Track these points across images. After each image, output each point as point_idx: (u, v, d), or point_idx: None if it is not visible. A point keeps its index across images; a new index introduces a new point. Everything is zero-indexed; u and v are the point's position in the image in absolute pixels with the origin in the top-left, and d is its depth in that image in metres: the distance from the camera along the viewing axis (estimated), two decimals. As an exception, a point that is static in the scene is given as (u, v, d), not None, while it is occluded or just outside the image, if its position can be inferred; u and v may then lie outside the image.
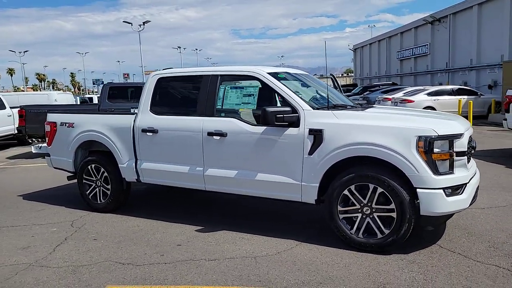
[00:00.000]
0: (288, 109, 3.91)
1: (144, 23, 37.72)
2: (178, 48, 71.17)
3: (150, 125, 4.77)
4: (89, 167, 5.39)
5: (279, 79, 4.27)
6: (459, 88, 17.87)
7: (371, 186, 3.60)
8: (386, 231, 3.59)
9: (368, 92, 25.13)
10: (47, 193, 6.66)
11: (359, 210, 3.72)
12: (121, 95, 11.83)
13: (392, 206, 3.54)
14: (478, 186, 3.89)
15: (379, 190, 3.57)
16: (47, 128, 5.82)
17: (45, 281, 3.40)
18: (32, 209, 5.66)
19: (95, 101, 28.09)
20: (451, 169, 3.48)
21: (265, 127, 4.06)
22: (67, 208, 5.61)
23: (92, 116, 5.48)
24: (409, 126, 3.53)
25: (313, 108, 3.97)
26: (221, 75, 4.49)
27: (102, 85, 12.47)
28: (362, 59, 49.79)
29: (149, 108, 4.88)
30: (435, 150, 3.40)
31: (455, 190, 3.51)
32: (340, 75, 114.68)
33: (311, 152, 3.82)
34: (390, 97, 18.32)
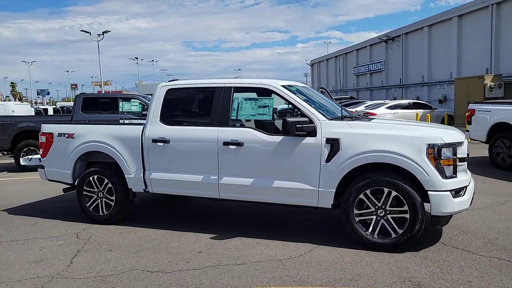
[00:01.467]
0: (306, 119, 4.18)
1: (103, 32, 36.81)
2: (136, 59, 69.91)
3: (161, 136, 4.84)
4: (90, 178, 5.31)
5: (292, 91, 4.54)
6: (415, 102, 19.18)
7: (386, 190, 3.93)
8: (400, 231, 3.93)
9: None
10: (32, 207, 6.41)
11: (374, 213, 4.03)
12: (95, 106, 11.57)
13: (406, 208, 3.88)
14: (474, 190, 4.36)
15: (393, 193, 3.91)
16: (42, 139, 5.66)
17: (77, 291, 3.37)
18: (24, 224, 5.45)
19: (50, 112, 26.88)
20: (454, 173, 3.90)
21: (282, 137, 4.30)
22: (63, 221, 5.46)
23: (95, 127, 5.42)
24: (420, 135, 3.92)
25: (328, 119, 4.27)
26: (234, 87, 4.68)
27: (76, 95, 12.09)
28: (319, 73, 51.62)
29: (159, 119, 4.94)
30: (443, 156, 3.81)
31: (458, 192, 3.93)
32: None
33: (328, 160, 4.10)
34: (353, 110, 19.29)
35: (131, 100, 11.71)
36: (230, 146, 4.49)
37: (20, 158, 6.34)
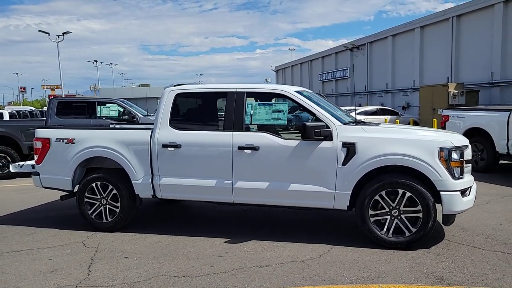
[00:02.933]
0: (323, 124, 4.33)
1: (63, 33, 35.29)
2: (95, 62, 67.81)
3: (171, 140, 4.80)
4: (93, 184, 5.16)
5: (305, 97, 4.68)
6: (382, 108, 20.02)
7: (400, 191, 4.15)
8: (414, 229, 4.15)
9: (298, 111, 26.72)
10: (18, 216, 6.12)
11: (388, 213, 4.24)
12: (71, 111, 11.17)
13: (419, 207, 4.11)
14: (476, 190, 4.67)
15: (408, 194, 4.13)
16: (37, 144, 5.42)
17: (108, 300, 3.28)
18: (19, 234, 5.19)
19: (6, 117, 25.36)
20: (461, 174, 4.19)
21: (299, 141, 4.42)
22: (61, 230, 5.25)
23: (99, 132, 5.28)
24: (431, 138, 4.19)
25: (342, 123, 4.44)
26: (247, 92, 4.75)
27: (50, 99, 11.58)
28: (285, 79, 52.38)
29: (168, 123, 4.90)
30: (453, 158, 4.09)
31: (465, 192, 4.22)
32: None
33: (344, 163, 4.26)
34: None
35: (110, 104, 11.37)
36: (246, 151, 4.54)
37: (10, 165, 6.00)
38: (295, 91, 4.69)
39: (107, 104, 11.39)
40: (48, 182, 5.45)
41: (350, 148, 4.25)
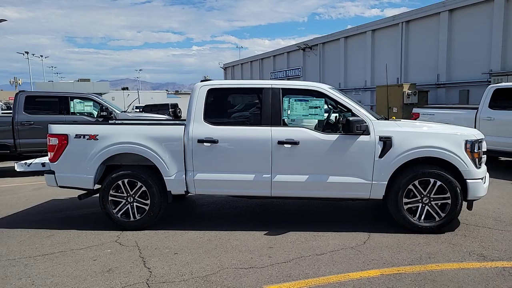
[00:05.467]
0: (361, 119, 4.61)
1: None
2: (26, 54, 62.86)
3: (208, 136, 4.81)
4: (119, 182, 4.99)
5: (339, 94, 4.94)
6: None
7: (432, 180, 4.56)
8: (443, 215, 4.59)
9: (256, 108, 27.09)
10: (23, 219, 5.76)
11: (420, 201, 4.64)
12: (42, 106, 10.42)
13: (448, 195, 4.56)
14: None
15: (438, 183, 4.56)
16: (52, 141, 5.11)
17: (191, 294, 3.29)
18: (36, 236, 4.89)
19: None
20: (480, 164, 4.71)
21: (338, 135, 4.67)
22: (82, 231, 5.03)
23: (124, 128, 5.10)
24: (457, 132, 4.65)
25: (376, 119, 4.76)
26: (283, 88, 4.89)
27: (16, 93, 10.66)
28: (233, 77, 52.49)
29: (202, 119, 4.89)
30: (476, 150, 4.59)
31: (483, 179, 4.74)
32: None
33: (381, 155, 4.59)
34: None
35: (83, 100, 10.78)
36: (285, 145, 4.69)
37: (15, 164, 5.54)
38: (329, 88, 4.93)
39: (81, 100, 10.78)
40: (65, 181, 5.16)
41: (386, 142, 4.58)
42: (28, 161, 5.53)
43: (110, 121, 6.87)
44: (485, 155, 4.86)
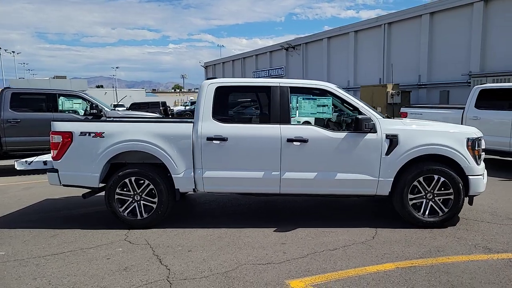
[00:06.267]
0: (369, 117, 4.73)
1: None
2: (-1, 49, 60.70)
3: (217, 133, 4.82)
4: (126, 180, 4.94)
5: (345, 93, 5.04)
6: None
7: (436, 177, 4.73)
8: (446, 210, 4.77)
9: (240, 107, 27.16)
10: (18, 218, 5.61)
11: (424, 196, 4.80)
12: (29, 104, 10.15)
13: (451, 190, 4.73)
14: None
15: (442, 179, 4.73)
16: (56, 139, 5.02)
17: (216, 287, 3.31)
18: (40, 236, 4.80)
19: None
20: (480, 161, 4.91)
21: (346, 133, 4.78)
22: (86, 230, 4.96)
23: (132, 125, 5.04)
24: (459, 130, 4.84)
25: (382, 117, 4.89)
26: (291, 87, 4.96)
27: (1, 89, 10.31)
28: (215, 76, 52.21)
29: (211, 116, 4.91)
30: (476, 147, 4.78)
31: (482, 176, 4.95)
32: (174, 91, 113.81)
33: (388, 153, 4.72)
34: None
35: (73, 97, 10.54)
36: (294, 143, 4.76)
37: (15, 162, 5.38)
38: (336, 87, 5.03)
39: (70, 97, 10.54)
40: (69, 180, 5.08)
41: (393, 139, 4.71)
42: (29, 159, 5.40)
43: (115, 119, 6.72)
44: (483, 152, 5.07)
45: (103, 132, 4.94)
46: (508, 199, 6.16)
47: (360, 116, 4.66)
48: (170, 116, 25.31)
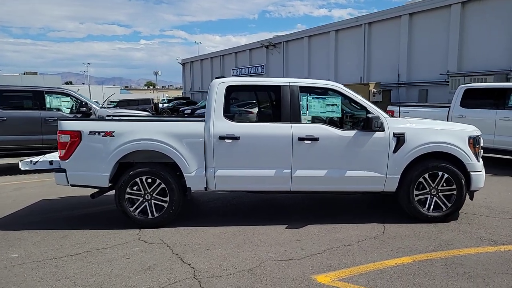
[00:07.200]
0: (378, 116, 4.89)
1: None
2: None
3: (229, 132, 4.87)
4: (137, 179, 4.92)
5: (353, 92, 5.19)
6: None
7: (440, 173, 4.94)
8: (449, 205, 5.00)
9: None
10: (20, 220, 5.49)
11: (429, 192, 5.01)
12: (15, 101, 9.82)
13: (454, 186, 4.96)
14: None
15: (445, 176, 4.95)
16: (64, 138, 4.93)
17: (245, 284, 3.36)
18: (49, 237, 4.72)
19: None
20: (479, 158, 5.17)
21: (355, 131, 4.92)
22: (99, 231, 4.90)
23: (143, 124, 5.01)
24: (461, 129, 5.07)
25: (389, 116, 5.07)
26: (301, 86, 5.06)
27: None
28: (193, 73, 51.81)
29: (222, 115, 4.94)
30: (477, 145, 5.03)
31: (482, 172, 5.21)
32: (148, 88, 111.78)
33: (395, 151, 4.90)
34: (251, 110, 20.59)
35: (60, 95, 10.28)
36: (306, 141, 4.87)
37: (20, 162, 5.23)
38: (343, 86, 5.17)
39: (58, 95, 10.28)
40: (78, 180, 5.00)
41: (400, 138, 4.89)
42: (34, 159, 5.27)
43: (123, 117, 6.54)
44: (482, 150, 5.34)
45: (113, 131, 4.89)
46: (498, 194, 6.49)
47: (370, 115, 4.81)
48: (160, 114, 24.90)
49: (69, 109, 10.20)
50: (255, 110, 5.43)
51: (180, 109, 28.47)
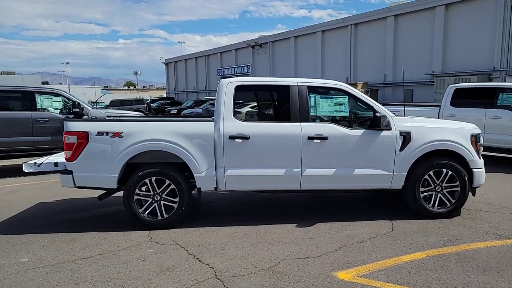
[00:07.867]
0: (385, 115, 4.99)
1: None
2: None
3: (239, 132, 4.88)
4: (147, 180, 4.88)
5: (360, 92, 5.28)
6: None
7: (444, 170, 5.08)
8: (453, 201, 5.14)
9: (209, 105, 26.96)
10: (26, 222, 5.40)
11: (433, 189, 5.14)
12: (3, 102, 9.56)
13: (457, 183, 5.11)
14: None
15: (449, 173, 5.09)
16: (70, 139, 4.84)
17: (269, 282, 3.39)
18: (57, 241, 4.64)
19: None
20: (479, 155, 5.33)
21: (363, 130, 5.01)
22: (108, 233, 4.84)
23: (152, 124, 4.96)
24: (464, 127, 5.23)
25: (395, 115, 5.18)
26: (309, 86, 5.11)
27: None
28: (177, 73, 51.43)
29: (232, 115, 4.95)
30: (478, 142, 5.19)
31: (483, 168, 5.38)
32: (128, 88, 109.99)
33: (401, 149, 5.01)
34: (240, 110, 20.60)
35: (51, 95, 10.05)
36: (315, 140, 4.92)
37: (23, 164, 5.10)
38: (350, 86, 5.25)
39: (48, 95, 10.05)
40: (85, 181, 4.92)
41: (406, 136, 5.01)
42: (38, 161, 5.15)
43: (130, 118, 6.45)
44: (482, 147, 5.51)
45: (122, 132, 4.84)
46: (494, 190, 6.70)
47: (378, 114, 4.91)
48: (153, 114, 24.57)
49: (59, 110, 9.97)
50: (265, 110, 5.46)
51: (166, 109, 28.25)
